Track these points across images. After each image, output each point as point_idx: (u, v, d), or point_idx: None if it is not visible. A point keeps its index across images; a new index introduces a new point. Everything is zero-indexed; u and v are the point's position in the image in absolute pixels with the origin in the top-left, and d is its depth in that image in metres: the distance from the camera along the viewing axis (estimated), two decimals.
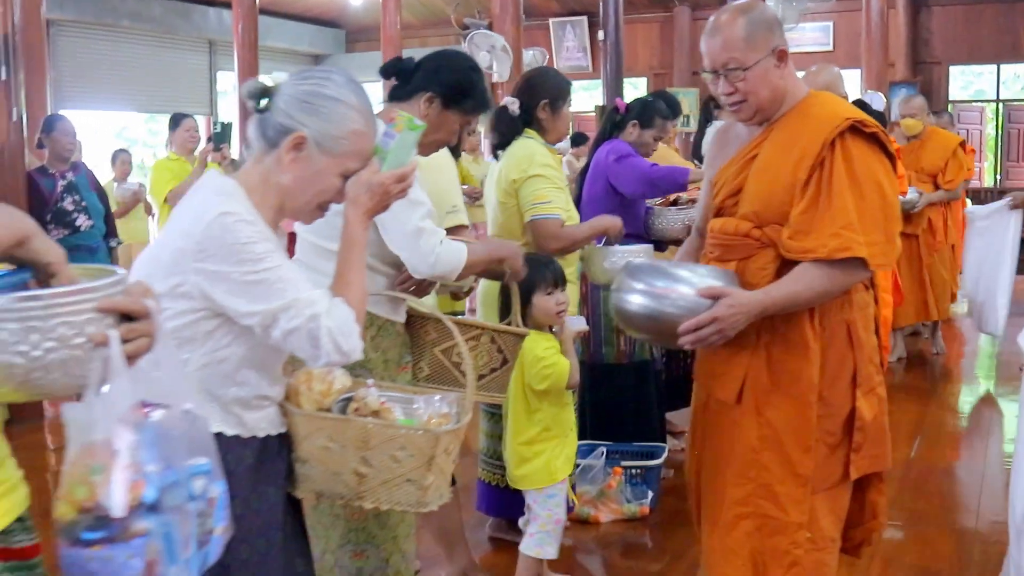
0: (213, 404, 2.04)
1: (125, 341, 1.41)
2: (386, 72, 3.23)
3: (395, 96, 3.15)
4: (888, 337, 5.64)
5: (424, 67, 3.17)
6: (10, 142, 6.33)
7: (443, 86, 3.12)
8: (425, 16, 18.62)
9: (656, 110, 5.05)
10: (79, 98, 14.58)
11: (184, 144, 7.30)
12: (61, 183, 6.39)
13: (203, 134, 9.12)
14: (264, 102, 2.11)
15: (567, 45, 18.24)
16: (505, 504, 4.11)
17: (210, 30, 16.86)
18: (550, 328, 3.55)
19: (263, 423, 2.14)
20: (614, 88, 12.82)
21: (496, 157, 4.17)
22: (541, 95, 4.08)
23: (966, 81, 17.22)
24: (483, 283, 3.90)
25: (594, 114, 14.83)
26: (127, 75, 15.58)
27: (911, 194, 7.09)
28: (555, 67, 16.80)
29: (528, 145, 4.01)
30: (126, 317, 1.43)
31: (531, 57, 13.69)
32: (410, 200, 2.63)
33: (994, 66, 16.50)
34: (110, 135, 17.59)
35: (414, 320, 3.09)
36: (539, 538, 3.56)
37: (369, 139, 2.18)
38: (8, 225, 1.35)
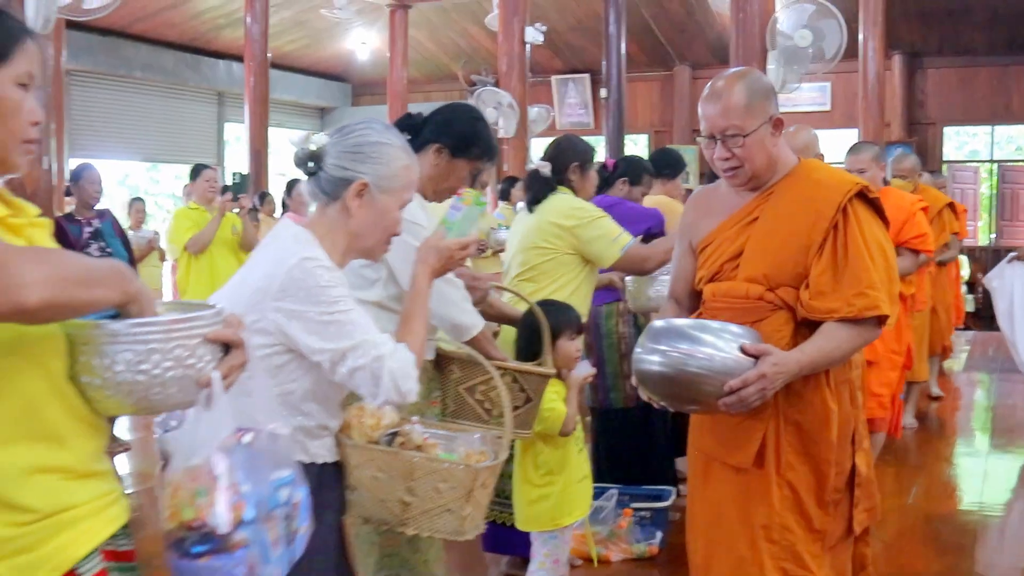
0: None
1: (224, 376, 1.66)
2: (398, 128, 3.43)
3: None
4: (895, 400, 5.66)
5: (432, 121, 3.39)
6: (40, 189, 6.57)
7: (451, 137, 3.33)
8: (430, 72, 18.97)
9: (644, 168, 5.35)
10: (91, 147, 14.79)
11: (204, 194, 7.51)
12: (88, 230, 6.59)
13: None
14: (312, 165, 2.34)
15: (569, 102, 18.56)
16: (512, 542, 4.23)
17: (219, 82, 17.18)
18: (559, 374, 3.72)
19: (323, 451, 2.34)
20: (616, 144, 13.09)
21: (530, 211, 4.42)
22: (572, 159, 4.42)
23: (960, 141, 17.52)
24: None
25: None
26: (138, 125, 15.87)
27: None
28: (558, 123, 17.13)
29: (569, 197, 4.31)
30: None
31: (536, 113, 13.95)
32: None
33: (988, 127, 16.83)
34: (113, 183, 17.83)
35: (440, 358, 3.29)
36: None
37: (415, 169, 2.43)
38: (118, 287, 1.57)
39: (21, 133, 1.64)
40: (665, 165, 5.91)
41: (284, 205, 9.02)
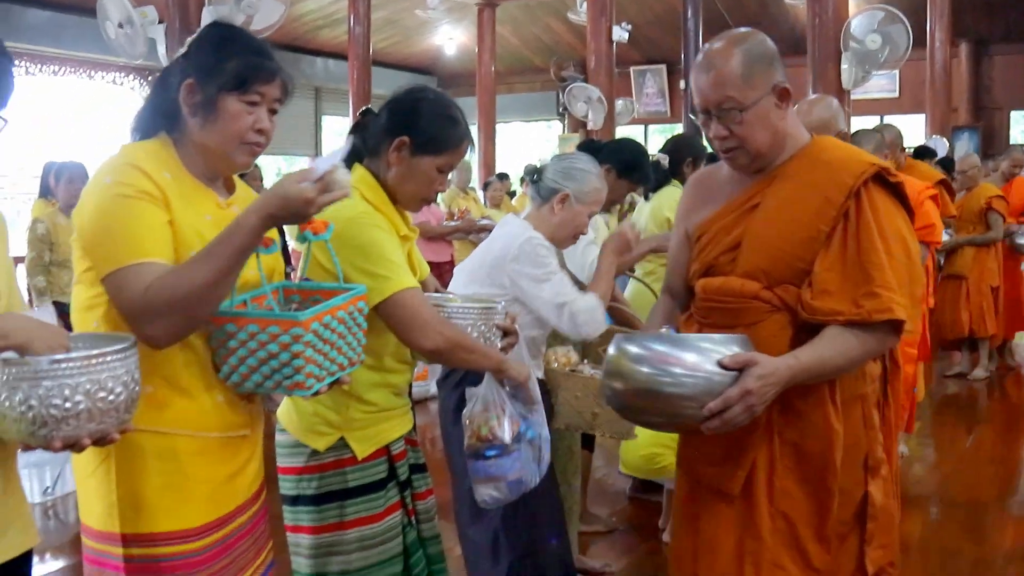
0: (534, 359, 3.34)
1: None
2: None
3: None
4: (907, 394, 5.51)
5: (606, 148, 4.48)
6: None
7: (619, 162, 4.46)
8: (513, 65, 19.94)
9: None
10: None
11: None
12: None
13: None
14: (535, 176, 3.40)
15: (647, 92, 19.41)
16: None
17: (317, 78, 18.30)
18: None
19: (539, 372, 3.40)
20: (696, 131, 13.87)
21: (647, 198, 5.36)
22: (687, 154, 5.35)
23: None
24: (633, 288, 4.93)
25: None
26: None
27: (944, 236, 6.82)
28: (636, 112, 17.97)
29: (677, 192, 5.18)
30: None
31: (621, 106, 14.82)
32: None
33: None
34: None
35: None
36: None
37: (604, 191, 3.43)
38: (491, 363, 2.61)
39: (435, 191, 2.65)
40: None
41: None
